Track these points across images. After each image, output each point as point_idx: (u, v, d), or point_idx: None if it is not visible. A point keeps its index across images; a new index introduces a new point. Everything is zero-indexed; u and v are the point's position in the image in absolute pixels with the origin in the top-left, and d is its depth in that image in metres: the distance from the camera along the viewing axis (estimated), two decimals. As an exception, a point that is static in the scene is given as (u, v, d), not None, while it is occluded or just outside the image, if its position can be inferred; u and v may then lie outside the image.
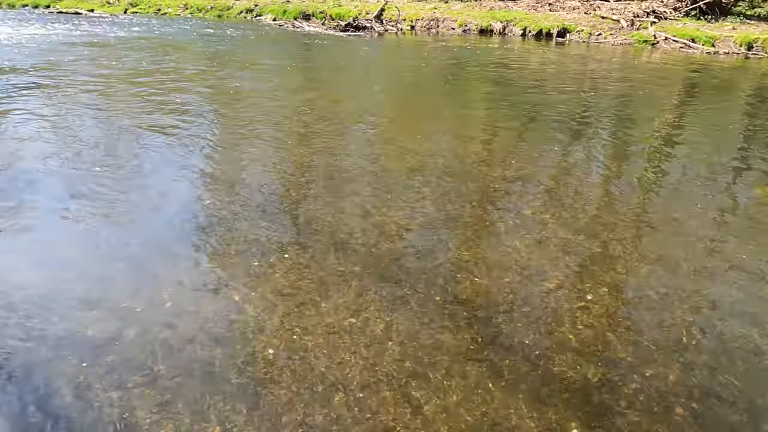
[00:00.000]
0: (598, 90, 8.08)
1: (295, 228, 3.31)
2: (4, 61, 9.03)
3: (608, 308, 2.55)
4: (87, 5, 22.56)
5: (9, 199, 3.56)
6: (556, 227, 3.35)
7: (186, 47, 11.92)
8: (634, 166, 4.76)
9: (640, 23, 13.65)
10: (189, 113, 5.90)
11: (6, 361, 2.11)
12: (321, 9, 17.91)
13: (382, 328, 2.36)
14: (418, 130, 5.57)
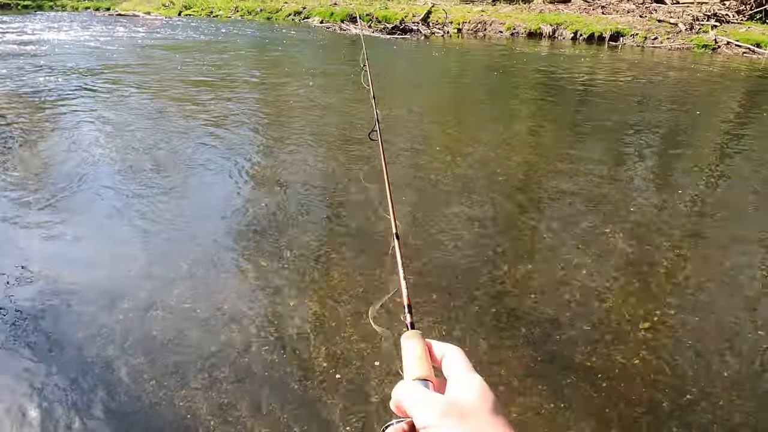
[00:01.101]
0: (655, 96, 7.78)
1: (348, 234, 3.33)
2: (70, 62, 9.52)
3: (675, 330, 2.44)
4: (144, 8, 23.54)
5: (73, 200, 3.74)
6: (615, 242, 3.23)
7: (248, 51, 12.23)
8: (695, 179, 4.54)
9: (699, 27, 13.05)
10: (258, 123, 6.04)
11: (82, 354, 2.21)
12: (368, 11, 18.02)
13: (438, 338, 2.33)
14: (478, 140, 5.51)
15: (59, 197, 3.73)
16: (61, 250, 3.07)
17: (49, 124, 5.58)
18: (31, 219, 3.40)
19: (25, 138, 5.07)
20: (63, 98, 6.60)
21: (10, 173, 4.20)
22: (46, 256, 2.98)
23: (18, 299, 2.57)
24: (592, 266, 2.95)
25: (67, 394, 2.01)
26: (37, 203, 3.62)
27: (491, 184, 4.14)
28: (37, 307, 2.51)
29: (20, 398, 1.99)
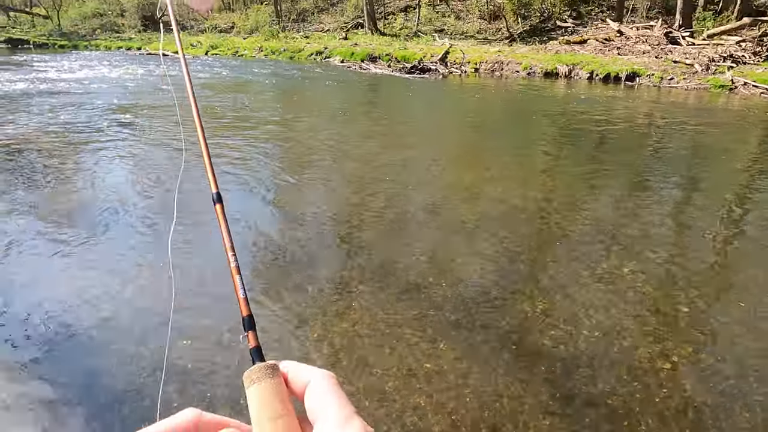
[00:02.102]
0: (673, 136, 7.84)
1: (370, 271, 3.41)
2: (101, 99, 9.98)
3: (696, 371, 2.43)
4: (172, 47, 24.55)
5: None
6: (634, 281, 3.25)
7: (279, 91, 12.67)
8: (715, 220, 4.54)
9: (716, 68, 13.18)
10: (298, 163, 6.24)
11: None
12: (387, 51, 18.60)
13: (457, 375, 2.37)
14: (500, 178, 5.61)
15: (87, 232, 3.90)
16: (92, 282, 3.20)
17: (78, 158, 5.85)
18: (58, 252, 3.56)
19: (55, 172, 5.31)
20: (93, 134, 6.92)
21: (38, 208, 4.40)
22: (78, 289, 3.11)
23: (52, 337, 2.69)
24: (611, 304, 2.97)
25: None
26: (65, 236, 3.79)
27: (509, 220, 4.20)
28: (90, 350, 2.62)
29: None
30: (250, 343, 0.49)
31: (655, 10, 19.23)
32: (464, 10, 24.02)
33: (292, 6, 29.70)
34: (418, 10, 23.67)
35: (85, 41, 28.98)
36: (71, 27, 32.78)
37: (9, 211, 4.21)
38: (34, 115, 8.14)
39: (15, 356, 2.46)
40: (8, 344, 2.54)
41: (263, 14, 28.24)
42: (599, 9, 20.77)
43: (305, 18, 28.52)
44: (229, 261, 0.55)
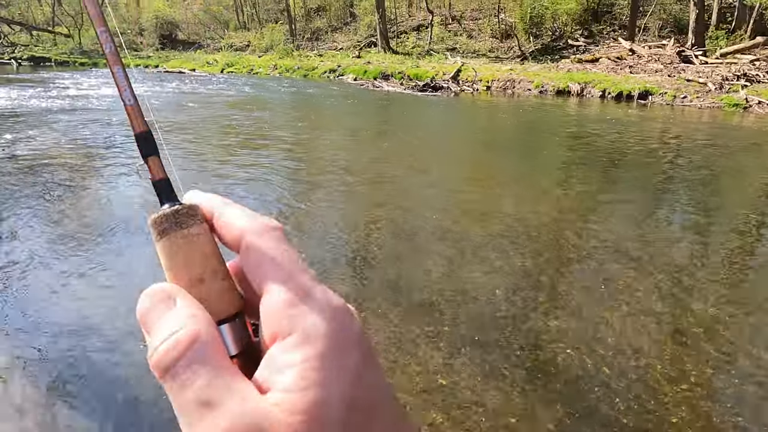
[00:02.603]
0: (687, 154, 7.81)
1: (385, 287, 3.43)
2: (120, 116, 10.20)
3: (715, 392, 2.41)
4: (189, 65, 25.13)
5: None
6: (649, 300, 3.24)
7: (294, 109, 12.87)
8: (730, 240, 4.51)
9: (729, 86, 13.15)
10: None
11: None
12: (399, 69, 18.83)
13: (473, 392, 2.38)
14: (518, 197, 5.63)
15: (102, 245, 3.98)
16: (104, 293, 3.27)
17: (94, 174, 5.98)
18: (74, 264, 3.64)
19: (73, 187, 5.44)
20: (110, 150, 7.08)
21: (56, 222, 4.50)
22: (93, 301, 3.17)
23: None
24: (627, 323, 2.96)
25: (120, 431, 2.12)
26: (79, 249, 3.87)
27: (523, 239, 4.21)
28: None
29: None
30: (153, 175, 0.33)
31: (667, 29, 19.30)
32: (476, 29, 24.28)
33: (307, 25, 30.27)
34: (430, 29, 23.99)
35: (105, 59, 29.65)
36: (92, 45, 33.63)
37: (30, 224, 4.32)
38: (54, 131, 8.35)
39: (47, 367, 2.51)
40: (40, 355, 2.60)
41: (278, 33, 28.78)
42: (611, 28, 20.89)
43: (319, 37, 29.02)
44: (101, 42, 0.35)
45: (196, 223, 0.31)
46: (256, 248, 0.29)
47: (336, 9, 30.14)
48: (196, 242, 0.30)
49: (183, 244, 0.30)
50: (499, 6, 22.54)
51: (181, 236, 0.30)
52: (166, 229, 0.30)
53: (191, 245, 0.30)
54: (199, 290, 0.29)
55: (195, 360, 0.25)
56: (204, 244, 0.30)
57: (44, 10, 38.38)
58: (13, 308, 3.02)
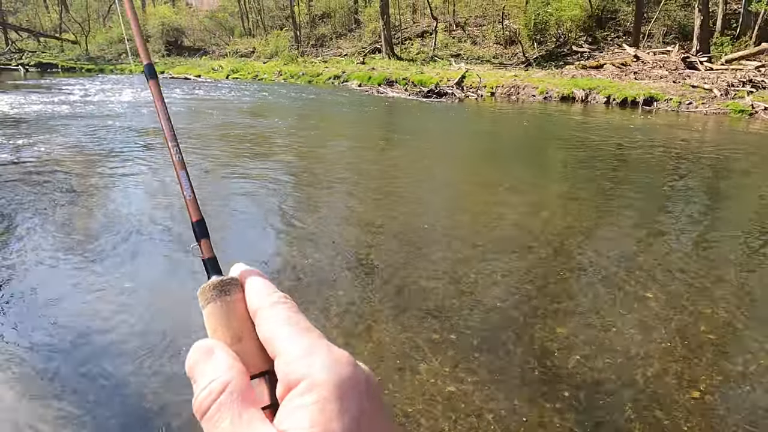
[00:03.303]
0: (693, 161, 7.78)
1: (391, 294, 3.42)
2: (126, 122, 10.27)
3: (726, 400, 2.38)
4: (195, 71, 25.27)
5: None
6: (658, 307, 3.21)
7: (300, 114, 12.91)
8: (738, 247, 4.48)
9: (735, 93, 13.11)
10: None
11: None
12: (404, 75, 18.87)
13: (481, 400, 2.36)
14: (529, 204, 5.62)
15: (108, 251, 3.99)
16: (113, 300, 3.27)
17: (100, 180, 6.00)
18: (79, 269, 3.64)
19: (78, 192, 5.46)
20: (116, 156, 7.11)
21: (60, 226, 4.52)
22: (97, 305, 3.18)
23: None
24: (635, 330, 2.93)
25: None
26: (84, 253, 3.88)
27: (530, 245, 4.19)
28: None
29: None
30: (204, 254, 0.41)
31: (672, 36, 19.27)
32: (480, 36, 24.34)
33: (311, 31, 30.41)
34: (434, 35, 24.06)
35: (111, 65, 29.92)
36: (98, 51, 33.92)
37: (36, 228, 4.33)
38: (61, 136, 8.40)
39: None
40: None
41: (283, 39, 28.92)
42: (615, 34, 20.89)
43: (324, 43, 29.15)
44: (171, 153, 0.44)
45: (236, 291, 0.37)
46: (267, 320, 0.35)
47: (340, 16, 30.27)
48: (236, 308, 0.36)
49: (225, 308, 0.36)
50: (503, 12, 22.60)
51: (224, 302, 0.36)
52: (213, 296, 0.37)
53: (232, 310, 0.36)
54: (237, 347, 0.35)
55: (224, 404, 0.31)
56: (242, 309, 0.36)
57: (51, 17, 38.75)
58: (18, 309, 3.02)
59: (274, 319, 0.34)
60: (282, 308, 0.35)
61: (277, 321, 0.34)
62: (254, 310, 0.36)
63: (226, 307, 0.36)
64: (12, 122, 9.73)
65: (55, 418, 2.22)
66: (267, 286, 0.37)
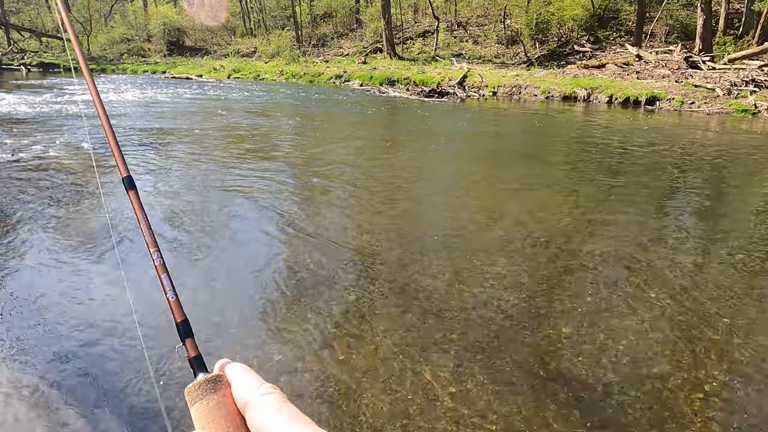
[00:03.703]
0: (695, 160, 7.75)
1: (393, 294, 3.40)
2: (128, 122, 10.26)
3: (730, 402, 2.36)
4: (196, 71, 25.28)
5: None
6: (661, 307, 3.19)
7: (303, 114, 12.90)
8: (741, 246, 4.45)
9: (738, 92, 13.07)
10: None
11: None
12: (405, 75, 18.85)
13: (483, 400, 2.34)
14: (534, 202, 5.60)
15: (106, 252, 3.98)
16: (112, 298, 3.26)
17: (101, 179, 6.00)
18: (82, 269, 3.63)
19: (77, 190, 5.45)
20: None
21: (60, 226, 4.51)
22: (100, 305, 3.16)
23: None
24: (638, 330, 2.91)
25: None
26: (82, 252, 3.87)
27: (530, 245, 4.17)
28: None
29: None
30: (189, 353, 0.43)
31: (674, 35, 19.21)
32: (482, 35, 24.30)
33: (313, 31, 30.39)
34: (436, 35, 24.03)
35: (113, 65, 29.96)
36: (100, 51, 33.97)
37: (35, 226, 4.32)
38: (62, 135, 8.40)
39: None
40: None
41: (284, 39, 28.92)
42: (617, 34, 20.83)
43: (325, 43, 29.13)
44: (152, 257, 0.47)
45: (223, 387, 0.38)
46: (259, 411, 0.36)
47: (342, 15, 30.26)
48: (224, 403, 0.37)
49: (214, 406, 0.37)
50: (504, 12, 22.55)
51: (211, 400, 0.37)
52: (200, 395, 0.38)
53: (221, 406, 0.37)
54: None
55: None
56: (230, 404, 0.37)
57: (53, 16, 38.78)
58: (19, 308, 3.01)
59: (265, 410, 0.36)
60: (271, 398, 0.36)
61: (268, 412, 0.36)
62: (243, 404, 0.37)
63: (214, 404, 0.37)
64: (14, 121, 9.73)
65: (55, 421, 2.20)
66: (254, 378, 0.38)
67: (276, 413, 0.35)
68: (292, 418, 0.35)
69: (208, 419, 0.37)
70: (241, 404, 0.37)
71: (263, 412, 0.36)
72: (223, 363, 0.41)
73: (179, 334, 0.43)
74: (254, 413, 0.36)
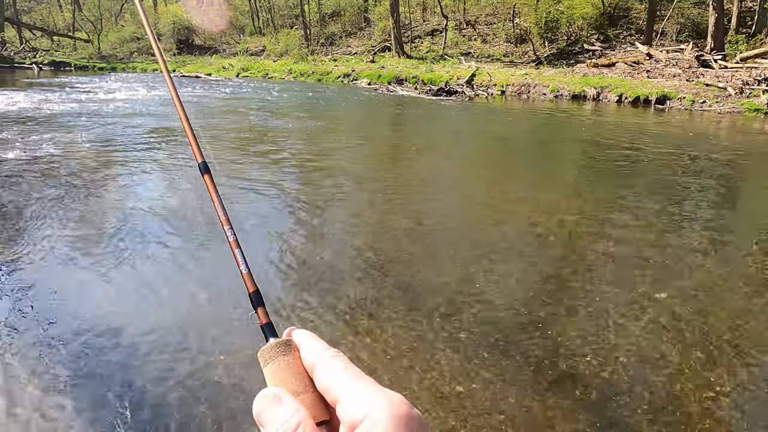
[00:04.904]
0: (705, 159, 7.67)
1: (400, 292, 3.40)
2: (136, 120, 10.33)
3: (741, 402, 2.34)
4: (205, 70, 25.40)
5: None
6: (671, 307, 3.16)
7: (314, 112, 12.94)
8: (751, 245, 4.40)
9: (750, 91, 12.92)
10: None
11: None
12: (414, 74, 18.82)
13: (491, 399, 2.33)
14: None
15: (114, 247, 4.01)
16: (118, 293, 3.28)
17: (112, 175, 6.05)
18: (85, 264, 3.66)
19: (91, 187, 5.50)
20: (127, 152, 7.15)
21: (72, 222, 4.55)
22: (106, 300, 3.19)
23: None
24: (648, 330, 2.89)
25: None
26: (95, 248, 3.90)
27: (539, 244, 4.16)
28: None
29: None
30: (261, 320, 0.47)
31: (686, 34, 19.03)
32: (490, 34, 24.21)
33: (321, 30, 30.44)
34: (444, 33, 23.98)
35: (123, 64, 30.17)
36: (110, 50, 34.21)
37: (48, 223, 4.37)
38: (73, 133, 8.47)
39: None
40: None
41: (293, 38, 28.98)
42: (627, 32, 20.67)
43: (333, 41, 29.16)
44: (226, 234, 0.52)
45: (292, 351, 0.42)
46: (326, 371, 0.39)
47: (350, 14, 30.27)
48: (294, 365, 0.41)
49: (285, 366, 0.41)
50: (513, 10, 22.45)
51: (282, 361, 0.41)
52: (272, 356, 0.42)
53: (290, 367, 0.41)
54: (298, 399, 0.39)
55: None
56: (298, 366, 0.41)
57: (65, 15, 39.15)
58: (28, 304, 3.04)
59: (332, 370, 0.39)
60: (338, 361, 0.40)
61: (335, 372, 0.39)
62: (311, 365, 0.40)
63: (285, 365, 0.41)
64: (27, 119, 9.83)
65: (68, 415, 2.23)
66: (321, 344, 0.42)
67: (342, 372, 0.38)
68: (358, 377, 0.38)
69: (279, 378, 0.40)
70: (309, 366, 0.41)
71: (331, 371, 0.39)
72: (290, 330, 0.45)
73: (251, 303, 0.48)
74: (322, 373, 0.39)
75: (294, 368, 0.41)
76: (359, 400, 0.36)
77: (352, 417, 0.36)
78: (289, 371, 0.41)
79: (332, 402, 0.38)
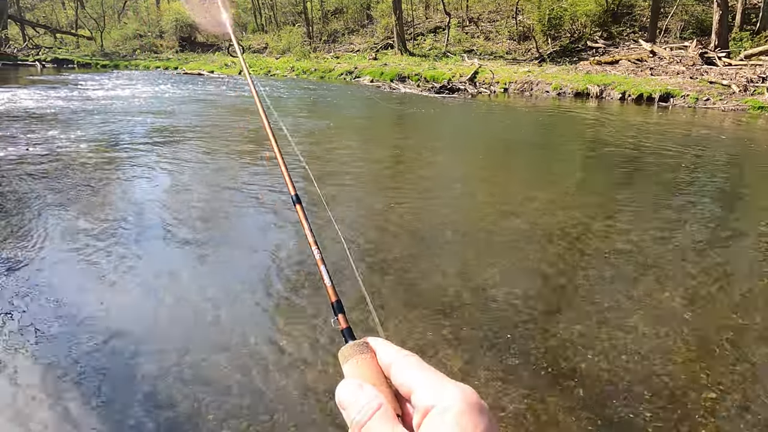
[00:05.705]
0: (710, 157, 7.64)
1: (401, 289, 3.40)
2: (139, 117, 10.34)
3: (744, 402, 2.33)
4: (208, 67, 25.42)
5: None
6: (674, 305, 3.15)
7: (318, 109, 12.93)
8: (756, 245, 4.39)
9: (754, 89, 12.86)
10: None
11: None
12: (416, 71, 18.79)
13: (493, 397, 2.33)
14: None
15: (118, 241, 4.02)
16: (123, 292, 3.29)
17: (112, 173, 6.06)
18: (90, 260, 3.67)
19: (98, 184, 5.51)
20: (130, 149, 7.16)
21: (74, 219, 4.56)
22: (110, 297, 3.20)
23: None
24: (651, 328, 2.88)
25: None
26: (99, 245, 3.91)
27: (544, 242, 4.15)
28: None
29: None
30: (341, 325, 0.53)
31: (690, 31, 18.94)
32: (493, 31, 24.15)
33: (324, 27, 30.41)
34: (447, 31, 23.93)
35: (126, 61, 30.22)
36: (113, 48, 34.27)
37: (52, 219, 4.38)
38: (76, 130, 8.49)
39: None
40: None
41: (295, 35, 28.96)
42: (631, 30, 20.59)
43: (336, 39, 29.13)
44: (314, 254, 0.61)
45: (369, 351, 0.46)
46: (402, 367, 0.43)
47: (353, 11, 30.23)
48: (371, 363, 0.45)
49: (363, 363, 0.45)
50: (516, 8, 22.39)
51: (360, 359, 0.46)
52: (351, 354, 0.46)
53: (368, 364, 0.45)
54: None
55: (381, 418, 0.40)
56: (375, 364, 0.45)
57: (68, 13, 39.20)
58: (34, 301, 3.05)
59: (407, 366, 0.43)
60: (412, 358, 0.44)
61: (410, 367, 0.43)
62: (387, 364, 0.45)
63: (363, 362, 0.45)
64: (30, 116, 9.85)
65: (70, 416, 2.24)
66: (396, 346, 0.46)
67: (417, 367, 0.42)
68: (432, 371, 0.42)
69: (358, 373, 0.45)
70: (385, 365, 0.45)
71: (406, 366, 0.43)
72: (368, 337, 0.49)
73: (333, 311, 0.56)
74: (398, 369, 0.43)
75: (371, 365, 0.45)
76: (433, 388, 0.40)
77: (425, 403, 0.39)
78: (367, 367, 0.45)
79: (406, 394, 0.42)
